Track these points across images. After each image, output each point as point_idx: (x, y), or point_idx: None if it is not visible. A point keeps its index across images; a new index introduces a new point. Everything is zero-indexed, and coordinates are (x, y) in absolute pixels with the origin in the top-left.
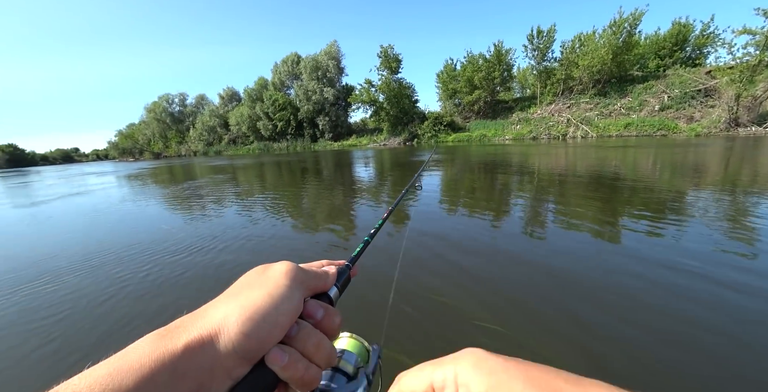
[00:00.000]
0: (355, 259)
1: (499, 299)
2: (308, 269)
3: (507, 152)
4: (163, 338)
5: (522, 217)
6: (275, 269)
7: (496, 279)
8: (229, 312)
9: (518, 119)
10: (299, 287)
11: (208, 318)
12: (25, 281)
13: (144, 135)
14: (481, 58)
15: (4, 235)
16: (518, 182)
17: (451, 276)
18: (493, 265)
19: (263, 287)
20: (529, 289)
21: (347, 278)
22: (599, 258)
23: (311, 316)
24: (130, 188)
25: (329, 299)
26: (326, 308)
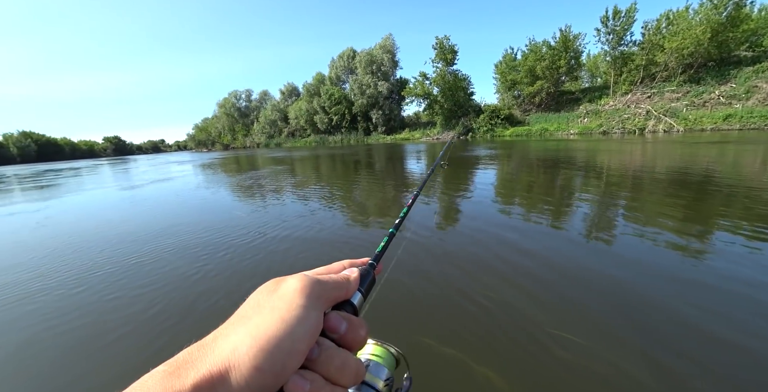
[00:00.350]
0: (379, 256)
1: (566, 305)
2: (326, 279)
3: (571, 148)
4: (170, 376)
5: (586, 220)
6: (288, 286)
7: (558, 285)
8: (239, 344)
9: (586, 112)
10: (317, 304)
11: (217, 351)
12: (129, 254)
13: (215, 128)
14: (545, 45)
15: (114, 214)
16: (583, 181)
17: (511, 278)
18: (553, 269)
19: (275, 310)
20: (597, 298)
21: (372, 280)
22: (678, 273)
23: (333, 331)
24: (204, 176)
25: (353, 307)
26: (349, 319)
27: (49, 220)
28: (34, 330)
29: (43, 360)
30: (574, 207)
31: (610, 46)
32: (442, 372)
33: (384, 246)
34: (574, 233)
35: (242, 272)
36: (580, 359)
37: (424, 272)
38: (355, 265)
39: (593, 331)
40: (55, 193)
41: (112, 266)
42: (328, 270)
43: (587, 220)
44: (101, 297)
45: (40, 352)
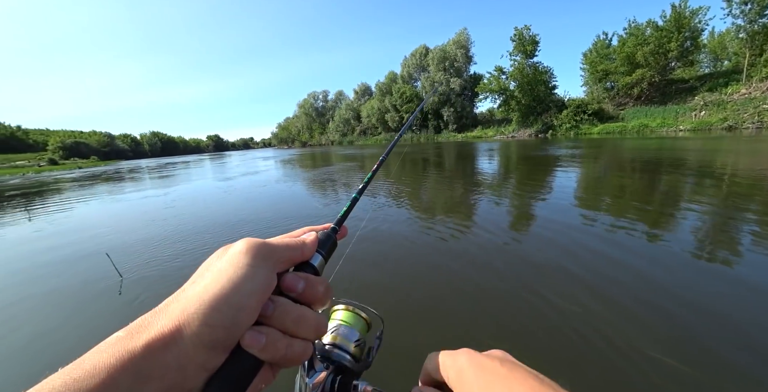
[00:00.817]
0: (341, 220)
1: (669, 328)
2: (276, 241)
3: (680, 148)
4: (122, 340)
5: (696, 233)
6: (234, 248)
7: (659, 304)
8: (188, 303)
9: (703, 103)
10: (264, 263)
11: (168, 312)
12: (223, 235)
13: (295, 127)
14: (650, 26)
15: (214, 200)
16: (694, 189)
17: (602, 292)
18: (652, 286)
19: (221, 271)
20: (707, 323)
21: (333, 242)
22: None
23: (290, 289)
24: (284, 171)
25: (313, 268)
26: (306, 278)
27: (174, 202)
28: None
29: None
30: (680, 218)
31: (746, 19)
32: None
33: (346, 211)
34: (677, 246)
35: None
36: (681, 388)
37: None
38: (315, 230)
39: (703, 361)
40: (174, 182)
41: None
42: (288, 236)
43: (698, 234)
44: None
45: None
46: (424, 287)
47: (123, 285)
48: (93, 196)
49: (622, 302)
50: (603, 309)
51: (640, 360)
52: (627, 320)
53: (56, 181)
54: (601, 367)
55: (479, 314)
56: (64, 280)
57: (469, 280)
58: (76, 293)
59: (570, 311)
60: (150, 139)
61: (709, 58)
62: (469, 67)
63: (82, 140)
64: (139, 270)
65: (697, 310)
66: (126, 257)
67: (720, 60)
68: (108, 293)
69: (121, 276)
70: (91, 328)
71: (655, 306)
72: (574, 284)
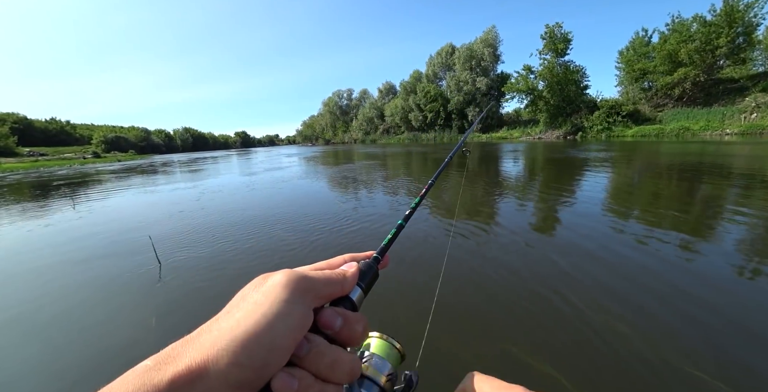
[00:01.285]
0: (385, 248)
1: (703, 343)
2: (317, 275)
3: (725, 153)
4: (150, 371)
5: (738, 246)
6: (272, 281)
7: (694, 315)
8: (219, 339)
9: (755, 105)
10: (302, 299)
11: (198, 346)
12: (248, 229)
13: (319, 125)
14: (697, 21)
15: (236, 195)
16: (738, 197)
17: (632, 301)
18: (687, 298)
19: (257, 305)
20: (743, 339)
21: (374, 275)
22: None
23: (327, 327)
24: (307, 167)
25: (351, 303)
26: (345, 315)
27: (203, 195)
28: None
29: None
30: (720, 230)
31: None
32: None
33: (391, 239)
34: (721, 262)
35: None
36: None
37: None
38: (356, 259)
39: (738, 376)
40: (202, 175)
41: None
42: (327, 265)
43: (741, 247)
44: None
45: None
46: (452, 291)
47: (162, 271)
48: (130, 187)
49: (650, 312)
50: (643, 325)
51: (677, 376)
52: (664, 334)
53: (98, 172)
54: (639, 385)
55: (508, 322)
56: (107, 264)
57: (494, 283)
58: (117, 277)
59: (609, 328)
60: (182, 134)
61: (765, 55)
62: (497, 66)
63: (122, 135)
64: (174, 257)
65: (735, 325)
66: (160, 246)
67: None
68: (149, 278)
69: (160, 262)
70: (131, 311)
71: (690, 318)
72: (611, 297)
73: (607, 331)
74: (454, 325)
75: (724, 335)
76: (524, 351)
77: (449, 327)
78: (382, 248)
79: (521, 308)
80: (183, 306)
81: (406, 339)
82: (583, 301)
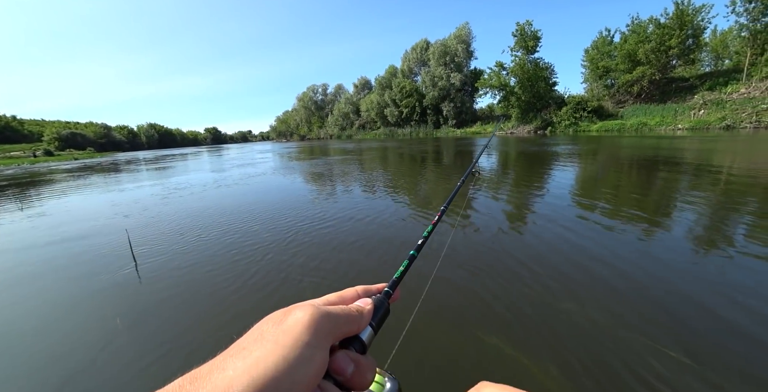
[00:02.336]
0: (397, 282)
1: (665, 320)
2: (337, 312)
3: (676, 147)
4: None
5: (691, 233)
6: (295, 319)
7: (654, 297)
8: (235, 380)
9: (703, 102)
10: (324, 342)
11: (210, 386)
12: (229, 224)
13: (294, 120)
14: (653, 23)
15: (205, 193)
16: (690, 190)
17: (593, 287)
18: (645, 280)
19: (278, 346)
20: (696, 313)
21: (386, 311)
22: None
23: (339, 373)
24: (281, 162)
25: (362, 344)
26: (357, 361)
27: (172, 193)
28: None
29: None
30: (672, 212)
31: (749, 17)
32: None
33: (403, 271)
34: (673, 240)
35: (319, 249)
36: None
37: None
38: (369, 292)
39: (695, 351)
40: (171, 173)
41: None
42: (339, 298)
43: (689, 228)
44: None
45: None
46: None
47: (140, 271)
48: (89, 186)
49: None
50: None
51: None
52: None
53: (51, 172)
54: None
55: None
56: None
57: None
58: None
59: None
60: (147, 131)
61: (711, 56)
62: (470, 62)
63: (78, 131)
64: (150, 257)
65: (682, 294)
66: (126, 245)
67: (721, 59)
68: (128, 279)
69: (135, 261)
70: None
71: (648, 299)
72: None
73: (565, 295)
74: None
75: (676, 303)
76: (500, 338)
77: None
78: (393, 282)
79: (501, 288)
80: (159, 309)
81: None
82: (547, 273)
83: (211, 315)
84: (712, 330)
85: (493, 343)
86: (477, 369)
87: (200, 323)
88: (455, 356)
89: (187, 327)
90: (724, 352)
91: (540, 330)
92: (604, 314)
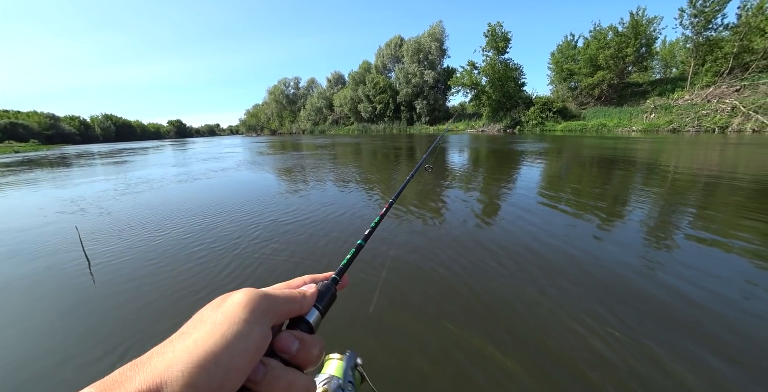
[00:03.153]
0: (344, 269)
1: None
2: (277, 293)
3: (631, 147)
4: None
5: (642, 225)
6: (232, 300)
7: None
8: (174, 361)
9: (654, 107)
10: (262, 319)
11: (149, 369)
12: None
13: (265, 114)
14: (612, 31)
15: (166, 189)
16: (642, 185)
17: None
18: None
19: (215, 325)
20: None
21: (332, 295)
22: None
23: (284, 351)
24: (250, 156)
25: (308, 325)
26: (302, 338)
27: (128, 189)
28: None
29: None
30: (628, 209)
31: (693, 30)
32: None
33: (350, 259)
34: (627, 238)
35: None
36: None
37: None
38: (316, 280)
39: (632, 328)
40: (131, 167)
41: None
42: (286, 286)
43: (644, 225)
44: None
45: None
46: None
47: (94, 271)
48: (30, 183)
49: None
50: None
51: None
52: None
53: None
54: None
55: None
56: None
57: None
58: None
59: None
60: (102, 122)
61: (661, 64)
62: (443, 60)
63: (19, 121)
64: (105, 256)
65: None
66: (77, 243)
67: (669, 67)
68: (80, 278)
69: (89, 260)
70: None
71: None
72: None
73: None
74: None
75: (625, 283)
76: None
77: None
78: (340, 269)
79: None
80: (114, 310)
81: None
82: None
83: (169, 316)
84: (654, 305)
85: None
86: (440, 354)
87: (158, 324)
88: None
89: (142, 329)
90: (670, 326)
91: (497, 314)
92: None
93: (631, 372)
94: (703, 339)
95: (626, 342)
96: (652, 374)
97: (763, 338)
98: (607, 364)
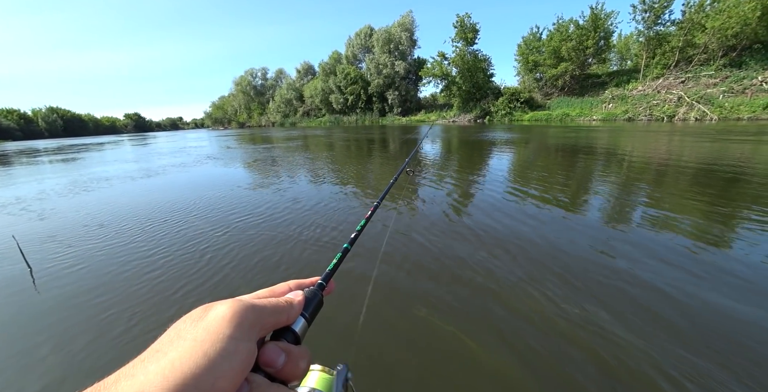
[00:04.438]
0: (330, 274)
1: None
2: (264, 304)
3: (592, 136)
4: None
5: (604, 211)
6: (216, 314)
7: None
8: (146, 385)
9: (611, 97)
10: (249, 334)
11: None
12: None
13: (231, 106)
14: (573, 24)
15: (126, 187)
16: (601, 172)
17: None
18: (580, 260)
19: (196, 342)
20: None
21: (319, 302)
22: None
23: (270, 365)
24: (218, 151)
25: (294, 335)
26: (288, 351)
27: (78, 188)
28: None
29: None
30: (592, 195)
31: (645, 25)
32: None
33: (336, 264)
34: (591, 223)
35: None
36: (583, 331)
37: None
38: (302, 286)
39: (599, 307)
40: (82, 164)
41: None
42: (270, 293)
43: (605, 210)
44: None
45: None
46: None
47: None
48: None
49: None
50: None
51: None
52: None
53: None
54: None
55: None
56: None
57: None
58: None
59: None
60: (46, 116)
61: (617, 57)
62: (414, 50)
63: None
64: (49, 262)
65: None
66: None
67: (625, 59)
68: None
69: (30, 267)
70: None
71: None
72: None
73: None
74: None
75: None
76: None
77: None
78: (326, 274)
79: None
80: (60, 322)
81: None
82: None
83: (126, 328)
84: (614, 280)
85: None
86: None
87: (112, 338)
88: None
89: (93, 342)
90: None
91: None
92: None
93: (567, 320)
94: (642, 309)
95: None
96: (588, 325)
97: (690, 305)
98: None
